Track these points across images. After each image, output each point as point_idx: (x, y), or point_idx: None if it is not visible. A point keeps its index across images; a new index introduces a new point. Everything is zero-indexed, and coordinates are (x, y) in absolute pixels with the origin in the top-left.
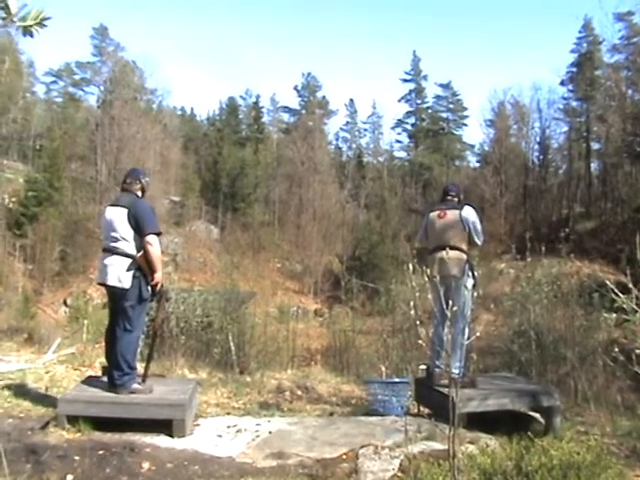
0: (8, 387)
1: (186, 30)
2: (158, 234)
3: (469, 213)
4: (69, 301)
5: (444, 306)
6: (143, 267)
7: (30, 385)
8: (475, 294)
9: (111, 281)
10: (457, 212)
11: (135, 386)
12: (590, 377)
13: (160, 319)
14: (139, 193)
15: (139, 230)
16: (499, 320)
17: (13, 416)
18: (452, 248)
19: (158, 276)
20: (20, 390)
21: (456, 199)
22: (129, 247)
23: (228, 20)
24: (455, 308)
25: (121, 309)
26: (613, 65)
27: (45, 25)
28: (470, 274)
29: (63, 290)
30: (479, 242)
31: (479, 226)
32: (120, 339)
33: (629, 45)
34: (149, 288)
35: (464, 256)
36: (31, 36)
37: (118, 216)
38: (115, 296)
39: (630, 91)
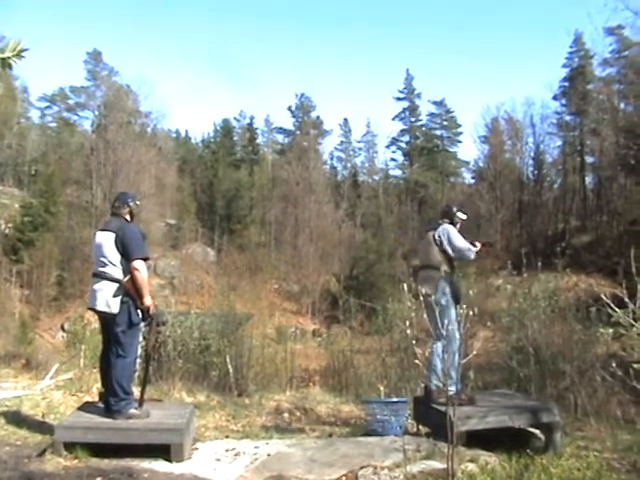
0: (4, 414)
1: (179, 53)
2: (145, 259)
3: (441, 232)
4: (66, 326)
5: (438, 324)
6: (131, 292)
7: (27, 412)
8: (457, 311)
9: (100, 306)
10: (432, 232)
11: (132, 411)
12: (590, 391)
13: (152, 343)
14: (127, 217)
15: (126, 255)
16: (497, 336)
17: (10, 444)
18: (425, 267)
19: (147, 301)
20: (17, 417)
21: (447, 221)
22: (117, 272)
23: (221, 42)
24: (450, 327)
25: (113, 335)
26: (605, 79)
27: (23, 56)
28: (446, 291)
29: (60, 315)
30: (455, 254)
31: (455, 240)
32: (114, 365)
33: (620, 58)
34: (139, 312)
35: (436, 274)
36: (10, 68)
37: (106, 241)
38: (106, 321)
39: (622, 104)
